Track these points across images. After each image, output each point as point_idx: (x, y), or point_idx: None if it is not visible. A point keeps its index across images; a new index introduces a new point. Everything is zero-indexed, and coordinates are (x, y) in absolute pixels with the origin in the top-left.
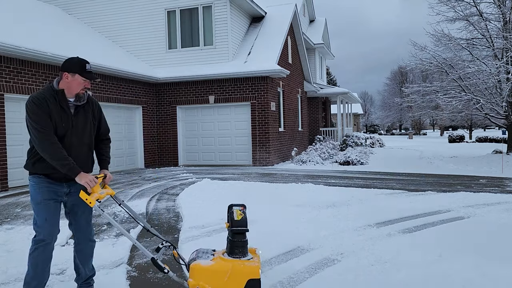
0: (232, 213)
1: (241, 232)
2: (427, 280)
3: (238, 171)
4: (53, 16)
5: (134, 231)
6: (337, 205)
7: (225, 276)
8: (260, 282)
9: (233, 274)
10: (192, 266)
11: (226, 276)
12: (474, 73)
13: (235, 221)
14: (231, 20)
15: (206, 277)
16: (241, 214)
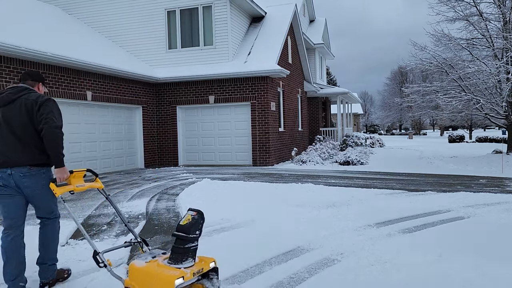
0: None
1: (181, 238)
2: (427, 280)
3: (238, 171)
4: (53, 16)
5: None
6: (337, 205)
7: (151, 280)
8: None
9: (155, 279)
10: (129, 265)
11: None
12: (474, 73)
13: (179, 225)
14: (231, 20)
15: (136, 278)
16: (189, 220)
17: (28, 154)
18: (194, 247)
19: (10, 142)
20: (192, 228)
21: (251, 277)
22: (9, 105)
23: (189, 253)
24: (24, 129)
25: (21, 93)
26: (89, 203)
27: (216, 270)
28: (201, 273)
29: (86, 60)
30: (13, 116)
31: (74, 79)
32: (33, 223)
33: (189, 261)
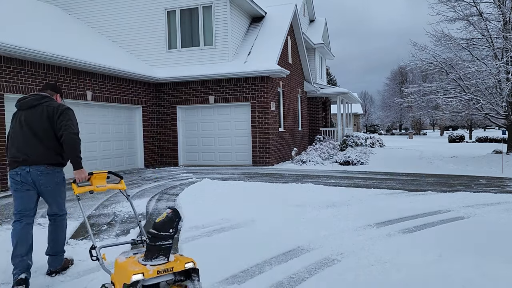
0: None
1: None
2: (427, 280)
3: (238, 171)
4: (53, 16)
5: (134, 231)
6: (337, 205)
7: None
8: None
9: (122, 274)
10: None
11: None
12: (474, 73)
13: (155, 222)
14: (231, 20)
15: (116, 272)
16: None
17: (46, 155)
18: (167, 245)
19: (32, 143)
20: (164, 226)
21: (251, 277)
22: (30, 109)
23: (161, 250)
24: (45, 132)
25: (42, 100)
26: (89, 203)
27: (196, 272)
28: (169, 271)
29: (86, 60)
30: (34, 120)
31: (74, 79)
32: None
33: (160, 259)
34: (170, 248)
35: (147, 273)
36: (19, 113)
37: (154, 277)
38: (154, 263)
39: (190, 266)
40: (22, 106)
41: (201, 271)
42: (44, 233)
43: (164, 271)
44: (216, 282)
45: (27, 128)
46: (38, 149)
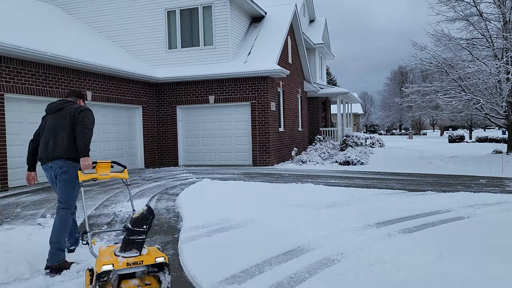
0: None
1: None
2: (427, 280)
3: (238, 171)
4: (53, 16)
5: None
6: (337, 205)
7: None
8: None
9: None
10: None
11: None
12: (474, 73)
13: (132, 218)
14: (231, 20)
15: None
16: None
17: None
18: (140, 240)
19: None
20: (138, 222)
21: (251, 277)
22: (57, 112)
23: (134, 244)
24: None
25: (66, 103)
26: (89, 203)
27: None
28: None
29: (86, 60)
30: (59, 121)
31: (74, 79)
32: (33, 223)
33: (133, 252)
34: (143, 242)
35: (117, 264)
36: (47, 116)
37: (122, 268)
38: (126, 255)
39: (160, 260)
40: (50, 110)
41: (201, 271)
42: (44, 233)
43: (133, 263)
44: (216, 282)
45: (53, 129)
46: (60, 146)
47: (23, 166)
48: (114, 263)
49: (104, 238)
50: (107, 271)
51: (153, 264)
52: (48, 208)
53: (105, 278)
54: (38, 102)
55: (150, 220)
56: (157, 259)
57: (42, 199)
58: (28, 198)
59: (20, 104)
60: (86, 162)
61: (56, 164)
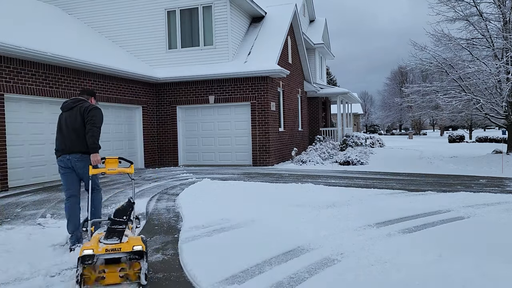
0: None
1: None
2: (427, 280)
3: (238, 171)
4: (53, 16)
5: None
6: (337, 205)
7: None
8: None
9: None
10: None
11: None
12: (474, 73)
13: (115, 209)
14: (231, 20)
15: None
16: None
17: (81, 146)
18: (120, 229)
19: (70, 137)
20: (119, 213)
21: (251, 277)
22: (69, 110)
23: (115, 233)
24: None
25: (78, 102)
26: None
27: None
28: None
29: (86, 60)
30: (72, 119)
31: (74, 79)
32: (33, 223)
33: (114, 239)
34: (122, 231)
35: (97, 250)
36: (62, 114)
37: (101, 253)
38: (107, 242)
39: (138, 249)
40: (63, 109)
41: (201, 271)
42: (44, 234)
43: (112, 250)
44: (216, 282)
45: (67, 126)
46: (75, 141)
47: (23, 166)
48: (94, 248)
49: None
50: (88, 255)
51: (134, 252)
52: (48, 208)
53: (89, 261)
54: (38, 102)
55: (129, 212)
56: (134, 247)
57: (42, 199)
58: (28, 198)
59: (20, 104)
60: (95, 158)
61: (74, 157)
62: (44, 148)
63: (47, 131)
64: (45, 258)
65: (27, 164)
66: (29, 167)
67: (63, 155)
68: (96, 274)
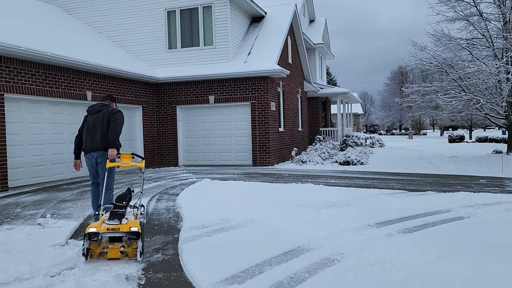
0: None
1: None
2: (427, 280)
3: (238, 171)
4: (53, 16)
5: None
6: (337, 205)
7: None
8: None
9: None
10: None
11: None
12: (474, 73)
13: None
14: (231, 20)
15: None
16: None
17: (104, 144)
18: (121, 212)
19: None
20: (119, 199)
21: (251, 277)
22: (96, 113)
23: (116, 215)
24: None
25: (103, 106)
26: (89, 203)
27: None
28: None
29: (86, 60)
30: (99, 121)
31: (74, 79)
32: (33, 223)
33: (115, 221)
34: (123, 214)
35: (99, 229)
36: (88, 116)
37: (104, 232)
38: (109, 223)
39: (134, 229)
40: (90, 112)
41: (201, 271)
42: (44, 234)
43: (112, 229)
44: (216, 282)
45: (93, 127)
46: (100, 140)
47: (23, 166)
48: (98, 227)
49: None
50: (92, 232)
51: (131, 232)
52: (48, 208)
53: (95, 238)
54: (38, 102)
55: (128, 198)
56: (131, 228)
57: (42, 199)
58: (28, 198)
59: (20, 104)
60: (112, 152)
61: (97, 153)
62: (44, 148)
63: (47, 131)
64: (45, 258)
65: (27, 164)
66: (29, 167)
67: (90, 153)
68: (100, 249)
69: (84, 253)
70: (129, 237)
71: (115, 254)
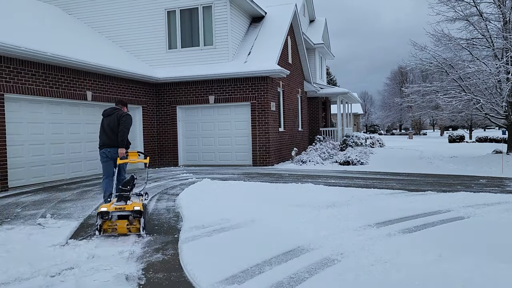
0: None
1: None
2: (427, 280)
3: (238, 171)
4: (53, 16)
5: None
6: (337, 205)
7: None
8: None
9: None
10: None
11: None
12: (474, 73)
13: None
14: (231, 20)
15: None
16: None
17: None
18: (126, 195)
19: (110, 135)
20: (125, 184)
21: (251, 277)
22: (109, 116)
23: (123, 198)
24: (116, 130)
25: (115, 110)
26: (89, 203)
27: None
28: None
29: (86, 60)
30: (111, 122)
31: (74, 79)
32: (33, 223)
33: (121, 202)
34: (128, 197)
35: (109, 208)
36: (103, 119)
37: (113, 211)
38: (117, 204)
39: (137, 208)
40: (105, 115)
41: (201, 271)
42: (44, 234)
43: (119, 209)
44: (216, 282)
45: (108, 127)
46: (113, 138)
47: (23, 166)
48: (108, 207)
49: (105, 237)
50: (103, 211)
51: (135, 211)
52: (48, 208)
53: (105, 216)
54: (38, 102)
55: (132, 182)
56: (135, 208)
57: (42, 199)
58: (28, 198)
59: (20, 104)
60: (121, 151)
61: (113, 150)
62: (44, 148)
63: (47, 131)
64: (45, 258)
65: (27, 164)
66: (29, 167)
67: (105, 148)
68: (111, 226)
69: (98, 228)
70: (134, 216)
71: (123, 230)
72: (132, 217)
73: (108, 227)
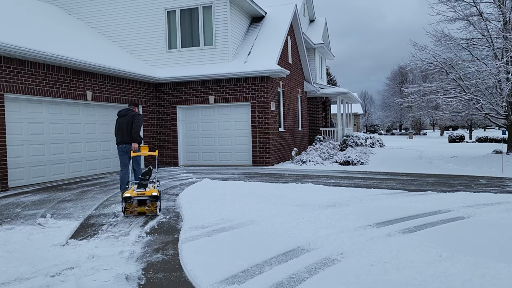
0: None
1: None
2: (427, 280)
3: (238, 171)
4: (53, 16)
5: (133, 231)
6: (337, 205)
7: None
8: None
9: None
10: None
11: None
12: (474, 73)
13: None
14: (231, 20)
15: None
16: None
17: (130, 138)
18: (145, 183)
19: (125, 133)
20: (144, 174)
21: (251, 277)
22: (124, 117)
23: (142, 185)
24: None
25: (128, 111)
26: (89, 203)
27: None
28: (143, 195)
29: (86, 60)
30: (126, 122)
31: (74, 79)
32: (33, 223)
33: (141, 189)
34: (146, 184)
35: (132, 193)
36: (118, 119)
37: (134, 196)
38: (137, 190)
39: (154, 194)
40: (120, 115)
41: (201, 271)
42: (44, 234)
43: (139, 194)
44: (216, 282)
45: (122, 126)
46: (127, 136)
47: (23, 166)
48: (131, 193)
49: (105, 238)
50: (127, 196)
51: (152, 196)
52: (48, 208)
53: (129, 201)
54: (38, 102)
55: (149, 173)
56: (153, 193)
57: (42, 199)
58: (28, 198)
59: (20, 104)
60: (134, 145)
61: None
62: (44, 148)
63: (47, 131)
64: (45, 258)
65: (27, 164)
66: (29, 167)
67: (122, 144)
68: (133, 208)
69: (123, 210)
70: (151, 200)
71: (143, 210)
72: (149, 201)
73: (132, 209)
